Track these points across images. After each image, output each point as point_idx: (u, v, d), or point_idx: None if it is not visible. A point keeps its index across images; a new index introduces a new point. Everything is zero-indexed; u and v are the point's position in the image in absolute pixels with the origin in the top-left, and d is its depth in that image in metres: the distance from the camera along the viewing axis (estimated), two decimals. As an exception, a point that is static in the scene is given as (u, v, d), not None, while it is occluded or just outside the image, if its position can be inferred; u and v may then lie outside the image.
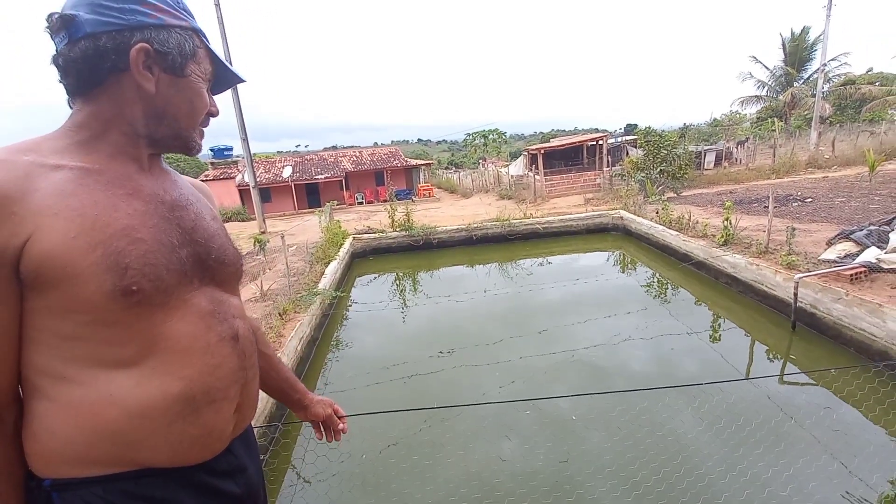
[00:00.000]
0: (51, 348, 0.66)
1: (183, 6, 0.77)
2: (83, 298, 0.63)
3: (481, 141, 37.98)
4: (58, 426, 0.66)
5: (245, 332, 0.83)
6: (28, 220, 0.61)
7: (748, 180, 13.69)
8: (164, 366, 0.70)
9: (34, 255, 0.61)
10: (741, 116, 27.37)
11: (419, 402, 4.18)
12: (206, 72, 0.79)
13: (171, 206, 0.75)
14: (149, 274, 0.67)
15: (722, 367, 4.38)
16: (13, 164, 0.63)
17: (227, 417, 0.78)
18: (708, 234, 7.10)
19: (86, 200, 0.65)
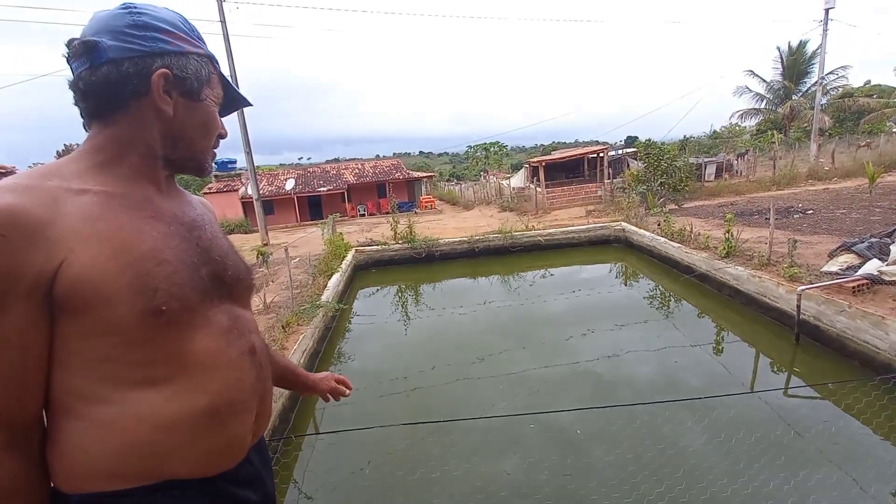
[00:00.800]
0: (82, 370, 0.67)
1: (198, 34, 0.81)
2: (115, 320, 0.65)
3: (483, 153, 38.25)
4: (88, 444, 0.68)
5: (260, 345, 0.87)
6: (60, 244, 0.63)
7: (749, 192, 13.74)
8: (191, 382, 0.72)
9: (67, 279, 0.62)
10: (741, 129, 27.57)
11: (422, 415, 4.17)
12: (219, 96, 0.84)
13: (189, 227, 0.79)
14: (176, 294, 0.70)
15: (726, 380, 4.37)
16: (40, 189, 0.65)
17: (248, 428, 0.82)
18: (710, 246, 7.11)
19: (113, 224, 0.68)
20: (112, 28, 0.71)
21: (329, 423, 4.23)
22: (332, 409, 4.41)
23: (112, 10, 0.73)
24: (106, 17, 0.73)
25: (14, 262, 0.60)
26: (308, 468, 3.48)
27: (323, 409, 4.43)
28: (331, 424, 4.19)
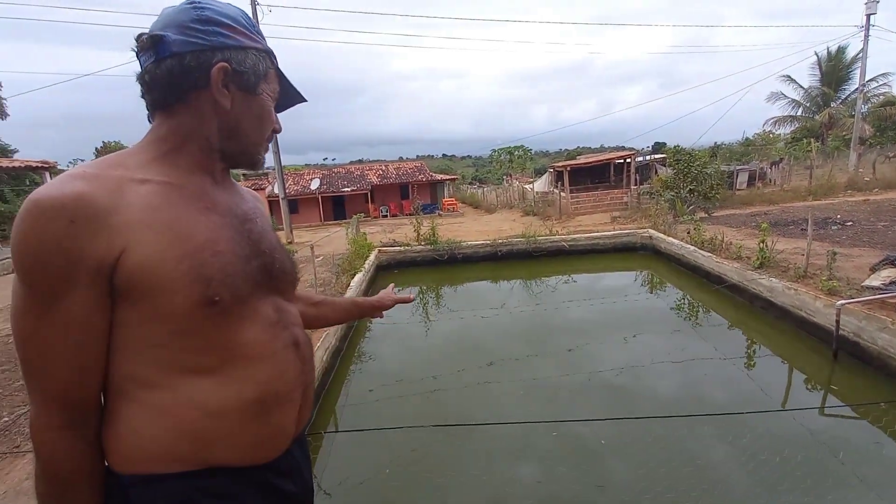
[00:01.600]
0: (138, 355, 0.69)
1: (257, 30, 0.81)
2: (171, 308, 0.67)
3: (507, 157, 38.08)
4: (142, 426, 0.70)
5: (304, 337, 0.88)
6: (122, 232, 0.64)
7: (783, 202, 13.27)
8: (240, 371, 0.74)
9: (128, 267, 0.64)
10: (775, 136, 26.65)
11: (440, 417, 4.14)
12: (275, 91, 0.84)
13: (241, 219, 0.80)
14: (229, 285, 0.71)
15: (757, 396, 4.20)
16: (106, 178, 0.67)
17: (292, 419, 0.83)
18: (742, 256, 6.88)
19: (172, 214, 0.69)
20: (177, 23, 0.73)
21: (349, 420, 4.25)
22: (351, 408, 4.43)
23: (178, 6, 0.75)
24: (172, 12, 0.75)
25: (79, 247, 0.62)
26: (328, 465, 3.49)
27: (343, 408, 4.45)
28: (350, 422, 4.21)
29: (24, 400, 3.56)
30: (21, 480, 2.49)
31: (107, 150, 24.41)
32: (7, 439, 2.97)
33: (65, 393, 0.66)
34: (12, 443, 2.93)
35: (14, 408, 3.45)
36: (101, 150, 24.80)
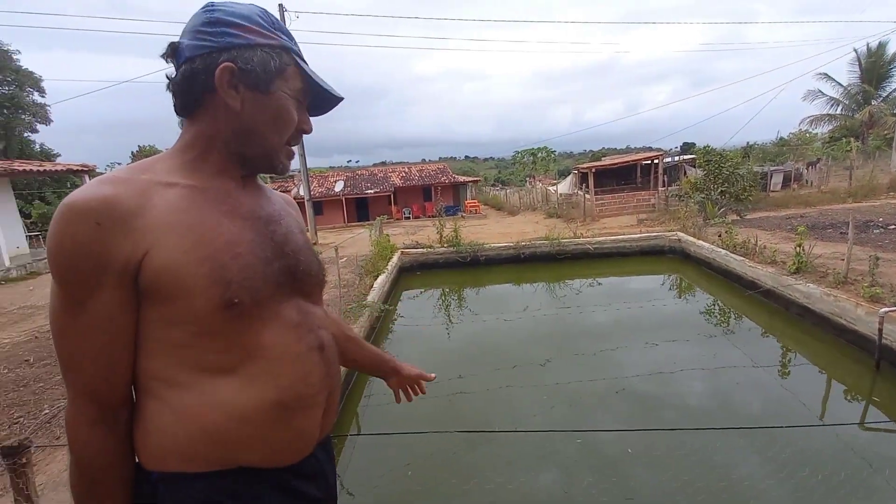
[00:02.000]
0: (162, 355, 0.70)
1: (278, 26, 0.78)
2: (192, 310, 0.68)
3: (530, 158, 37.79)
4: (167, 425, 0.71)
5: (329, 341, 0.86)
6: (147, 234, 0.66)
7: (821, 204, 12.73)
8: (262, 374, 0.73)
9: (151, 268, 0.66)
10: (811, 136, 25.62)
11: (461, 421, 4.12)
12: (296, 89, 0.79)
13: (265, 222, 0.79)
14: (248, 287, 0.71)
15: (792, 407, 4.02)
16: (133, 182, 0.69)
17: (316, 423, 0.82)
18: (777, 261, 6.62)
19: (195, 217, 0.70)
20: (190, 28, 0.74)
21: (371, 422, 4.27)
22: (373, 409, 4.45)
23: (195, 12, 0.76)
24: (190, 18, 0.76)
25: (105, 249, 0.64)
26: (350, 466, 3.52)
27: (365, 409, 4.48)
28: (372, 424, 4.23)
29: (64, 393, 3.72)
30: (60, 472, 2.60)
31: (142, 153, 25.36)
32: (48, 431, 3.10)
33: (94, 388, 0.68)
34: (53, 435, 3.06)
35: (54, 401, 3.60)
36: (137, 153, 25.78)
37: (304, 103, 0.82)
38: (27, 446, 1.32)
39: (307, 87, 0.81)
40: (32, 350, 4.85)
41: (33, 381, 4.00)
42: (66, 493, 2.37)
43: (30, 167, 11.08)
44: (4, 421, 3.30)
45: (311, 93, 0.82)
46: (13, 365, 4.45)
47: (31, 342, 5.20)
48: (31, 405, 3.54)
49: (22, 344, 5.15)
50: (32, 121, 20.58)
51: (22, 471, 1.32)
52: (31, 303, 7.32)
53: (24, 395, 3.72)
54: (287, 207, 0.91)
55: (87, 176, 12.20)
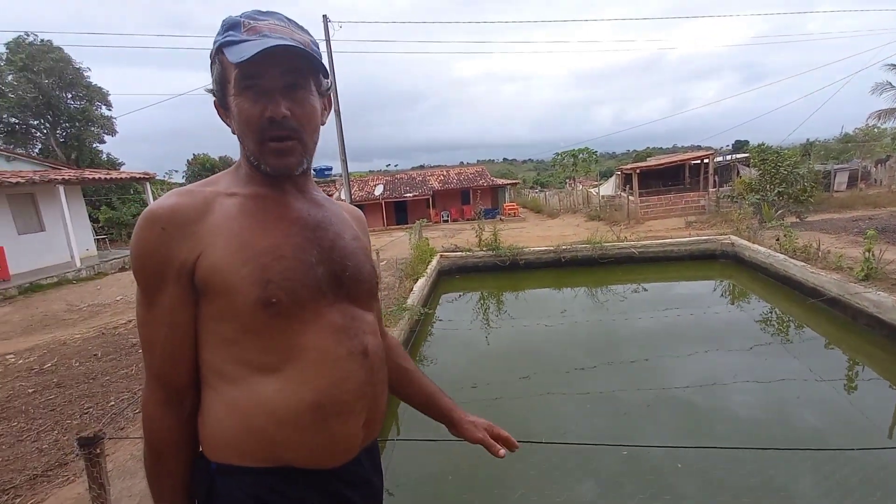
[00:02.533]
0: (215, 348, 0.76)
1: (225, 26, 0.75)
2: (235, 307, 0.72)
3: (570, 160, 37.08)
4: (220, 417, 0.76)
5: (375, 348, 0.86)
6: (202, 238, 0.73)
7: (892, 205, 11.76)
8: (300, 375, 0.75)
9: (204, 268, 0.73)
10: (880, 131, 23.70)
11: (501, 426, 4.07)
12: (240, 80, 0.73)
13: (313, 227, 0.81)
14: (286, 288, 0.73)
15: (860, 425, 3.71)
16: (198, 193, 0.78)
17: (354, 429, 0.81)
18: (843, 267, 6.15)
19: (244, 223, 0.76)
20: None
21: (410, 425, 4.30)
22: (413, 413, 4.46)
23: None
24: None
25: (168, 250, 0.73)
26: (389, 469, 3.55)
27: (405, 412, 4.52)
28: (411, 427, 4.26)
29: (128, 387, 3.98)
30: (126, 461, 2.78)
31: (196, 161, 26.83)
32: (113, 422, 3.33)
33: (161, 373, 0.77)
34: (117, 425, 3.28)
35: (119, 394, 3.86)
36: (192, 161, 27.31)
37: (267, 86, 0.73)
38: (101, 437, 1.42)
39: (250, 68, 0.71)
40: (100, 345, 5.23)
41: (101, 374, 4.31)
42: (131, 480, 2.53)
43: (98, 175, 11.99)
44: (76, 411, 3.57)
45: (264, 69, 0.72)
46: (83, 359, 4.81)
47: (98, 338, 5.60)
48: (98, 397, 3.81)
49: (91, 339, 5.56)
50: (101, 132, 22.26)
51: (96, 460, 1.42)
52: (99, 301, 7.90)
53: (93, 387, 4.01)
54: (342, 215, 0.93)
55: (147, 183, 13.06)
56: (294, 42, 0.72)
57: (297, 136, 0.76)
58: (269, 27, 0.73)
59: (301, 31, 0.78)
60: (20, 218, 10.70)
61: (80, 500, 2.42)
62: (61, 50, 20.20)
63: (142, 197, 17.24)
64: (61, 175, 10.59)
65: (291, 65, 0.73)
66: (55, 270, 10.17)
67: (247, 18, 0.74)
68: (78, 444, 1.42)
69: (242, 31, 0.73)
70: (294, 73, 0.74)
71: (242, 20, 0.74)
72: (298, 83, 0.75)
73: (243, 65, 0.69)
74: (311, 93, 0.78)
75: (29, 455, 2.95)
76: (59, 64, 19.89)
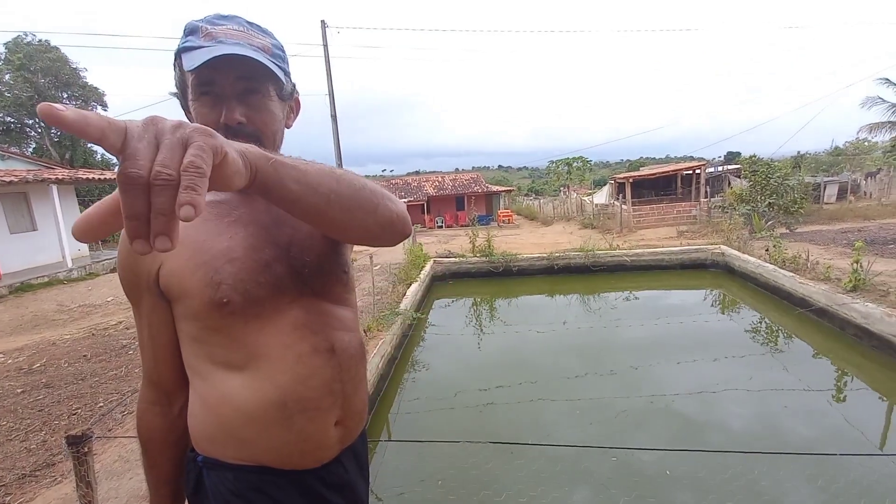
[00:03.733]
0: (188, 347, 0.81)
1: (185, 32, 0.74)
2: (194, 308, 0.75)
3: (565, 168, 37.33)
4: (197, 412, 0.80)
5: (345, 344, 0.83)
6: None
7: (881, 217, 11.94)
8: (263, 372, 0.76)
9: (164, 276, 0.77)
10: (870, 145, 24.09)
11: (492, 432, 4.08)
12: (196, 87, 0.74)
13: (267, 227, 0.80)
14: (238, 288, 0.74)
15: (849, 434, 3.76)
16: None
17: (324, 428, 0.80)
18: (831, 278, 6.24)
19: (200, 229, 0.77)
20: None
21: (401, 429, 4.30)
22: (404, 416, 4.48)
23: None
24: None
25: (136, 264, 0.79)
26: (380, 472, 3.55)
27: (396, 416, 4.52)
28: (402, 431, 4.26)
29: (117, 388, 3.95)
30: (113, 462, 2.76)
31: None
32: (102, 423, 3.30)
33: (150, 374, 0.84)
34: (106, 427, 3.26)
35: (108, 395, 3.83)
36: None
37: (221, 93, 0.73)
38: (89, 436, 1.42)
39: (205, 74, 0.71)
40: (90, 346, 5.18)
41: (90, 375, 4.28)
42: (118, 481, 2.52)
43: (92, 175, 11.91)
44: (64, 412, 3.54)
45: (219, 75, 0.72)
46: (73, 359, 4.76)
47: (88, 339, 5.55)
48: (87, 398, 3.78)
49: (81, 340, 5.51)
50: (95, 132, 22.09)
51: (84, 459, 1.42)
52: (90, 302, 7.83)
53: (81, 388, 3.98)
54: None
55: (142, 184, 12.95)
56: (251, 47, 0.72)
57: (256, 141, 0.73)
58: (226, 32, 0.73)
59: (263, 34, 0.78)
60: (12, 217, 10.61)
61: (68, 500, 2.40)
62: (58, 50, 20.16)
63: (135, 198, 17.05)
64: (55, 174, 10.51)
65: (245, 71, 0.73)
66: (46, 270, 10.07)
67: (206, 24, 0.74)
68: (66, 442, 1.42)
69: (200, 36, 0.72)
70: (248, 80, 0.74)
71: (201, 25, 0.73)
72: (254, 88, 0.75)
73: (196, 71, 0.70)
74: (270, 98, 0.78)
75: (17, 455, 2.92)
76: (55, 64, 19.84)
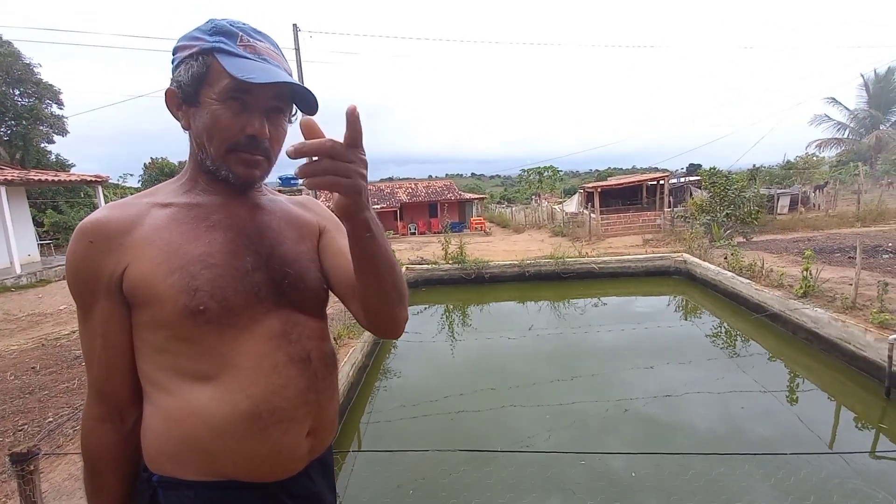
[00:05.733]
0: (149, 358, 0.75)
1: (213, 30, 0.74)
2: (163, 316, 0.71)
3: (536, 177, 38.04)
4: (156, 427, 0.75)
5: (319, 353, 0.83)
6: (130, 250, 0.73)
7: (828, 227, 12.67)
8: (235, 382, 0.73)
9: (130, 279, 0.72)
10: (818, 159, 25.65)
11: (464, 439, 4.09)
12: (225, 90, 0.72)
13: (249, 234, 0.79)
14: (216, 296, 0.72)
15: (801, 433, 3.96)
16: (132, 205, 0.77)
17: (297, 439, 0.78)
18: (784, 284, 6.58)
19: (175, 232, 0.74)
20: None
21: (372, 438, 4.24)
22: (375, 426, 4.42)
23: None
24: None
25: (95, 264, 0.72)
26: (350, 483, 3.49)
27: (366, 425, 4.45)
28: (374, 440, 4.21)
29: (67, 402, 3.74)
30: (62, 481, 2.60)
31: (154, 165, 25.74)
32: (51, 440, 3.11)
33: (100, 387, 0.76)
34: (55, 443, 3.07)
35: (58, 409, 3.62)
36: (150, 165, 26.19)
37: (252, 103, 0.73)
38: (35, 454, 1.34)
39: (242, 84, 0.70)
40: (39, 358, 4.89)
41: (38, 388, 4.03)
42: (67, 501, 2.37)
43: (45, 177, 11.30)
44: (9, 427, 3.32)
45: (257, 88, 0.71)
46: (20, 372, 4.48)
47: (38, 349, 5.24)
48: (35, 412, 3.56)
49: (29, 351, 5.19)
50: (50, 132, 21.01)
51: (29, 477, 1.34)
52: (40, 310, 7.40)
53: (29, 402, 3.75)
54: (290, 216, 0.89)
55: (100, 187, 12.42)
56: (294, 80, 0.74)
57: (267, 154, 0.78)
58: (268, 52, 0.75)
59: (284, 58, 0.80)
60: (-47, 220, 9.93)
61: (10, 523, 2.25)
62: (10, 44, 19.08)
63: (92, 201, 16.36)
64: (3, 175, 9.91)
65: (284, 93, 0.75)
66: (-9, 277, 9.45)
67: (243, 33, 0.74)
68: (10, 460, 1.33)
69: (238, 43, 0.73)
70: (281, 100, 0.76)
71: (239, 33, 0.73)
72: (280, 108, 0.77)
73: (239, 80, 0.69)
74: (287, 119, 0.80)
75: (-48, 476, 2.71)
76: (6, 59, 18.75)
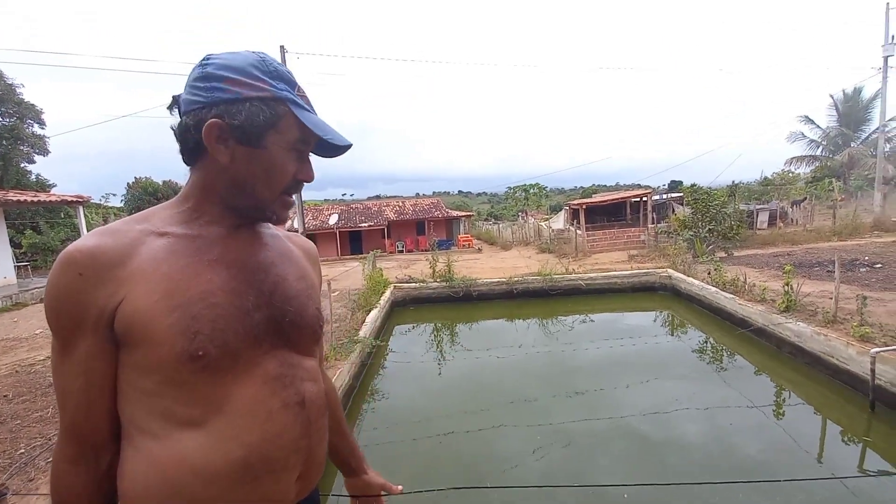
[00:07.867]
0: (135, 401, 0.70)
1: (277, 74, 0.75)
2: (158, 358, 0.67)
3: (522, 194, 38.46)
4: (140, 472, 0.70)
5: (313, 396, 0.81)
6: (124, 283, 0.67)
7: (806, 242, 13.00)
8: (228, 430, 0.70)
9: (124, 315, 0.67)
10: (794, 175, 26.46)
11: (454, 461, 4.01)
12: (292, 139, 0.75)
13: (252, 271, 0.77)
14: (216, 340, 0.69)
15: (789, 447, 3.97)
16: (125, 233, 0.71)
17: (287, 486, 0.77)
18: (767, 299, 6.69)
19: (174, 266, 0.70)
20: (188, 82, 0.75)
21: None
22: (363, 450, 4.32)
23: (196, 63, 0.77)
24: (191, 70, 0.77)
25: (85, 297, 0.67)
26: (337, 511, 3.38)
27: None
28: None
29: (41, 432, 3.58)
30: (32, 517, 2.47)
31: (138, 185, 25.37)
32: (23, 473, 2.97)
33: (75, 427, 0.70)
34: (27, 476, 2.93)
35: (31, 439, 3.46)
36: (133, 184, 25.81)
37: (305, 152, 0.79)
38: (3, 493, 1.26)
39: (307, 136, 0.77)
40: (12, 385, 4.69)
41: (10, 418, 3.86)
42: (37, 540, 2.25)
43: (24, 198, 11.06)
44: (-23, 461, 3.16)
45: (314, 140, 0.79)
46: (-10, 401, 4.29)
47: (11, 376, 5.03)
48: (6, 444, 3.39)
49: (1, 378, 4.99)
50: (31, 152, 20.66)
51: (-3, 518, 1.26)
52: (14, 335, 7.14)
53: (0, 432, 3.58)
54: (291, 252, 0.88)
55: (81, 207, 12.18)
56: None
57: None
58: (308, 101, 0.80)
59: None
60: (-75, 242, 9.62)
61: (-26, 566, 2.12)
62: (-10, 64, 18.84)
63: (73, 221, 16.03)
64: (-21, 196, 9.69)
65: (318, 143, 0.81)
66: (-37, 301, 9.14)
67: (295, 83, 0.78)
68: (-23, 499, 1.25)
69: (296, 93, 0.77)
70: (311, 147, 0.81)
71: (295, 81, 0.78)
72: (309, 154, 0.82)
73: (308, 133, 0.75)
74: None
75: (-88, 516, 2.56)
76: (-14, 78, 18.50)
